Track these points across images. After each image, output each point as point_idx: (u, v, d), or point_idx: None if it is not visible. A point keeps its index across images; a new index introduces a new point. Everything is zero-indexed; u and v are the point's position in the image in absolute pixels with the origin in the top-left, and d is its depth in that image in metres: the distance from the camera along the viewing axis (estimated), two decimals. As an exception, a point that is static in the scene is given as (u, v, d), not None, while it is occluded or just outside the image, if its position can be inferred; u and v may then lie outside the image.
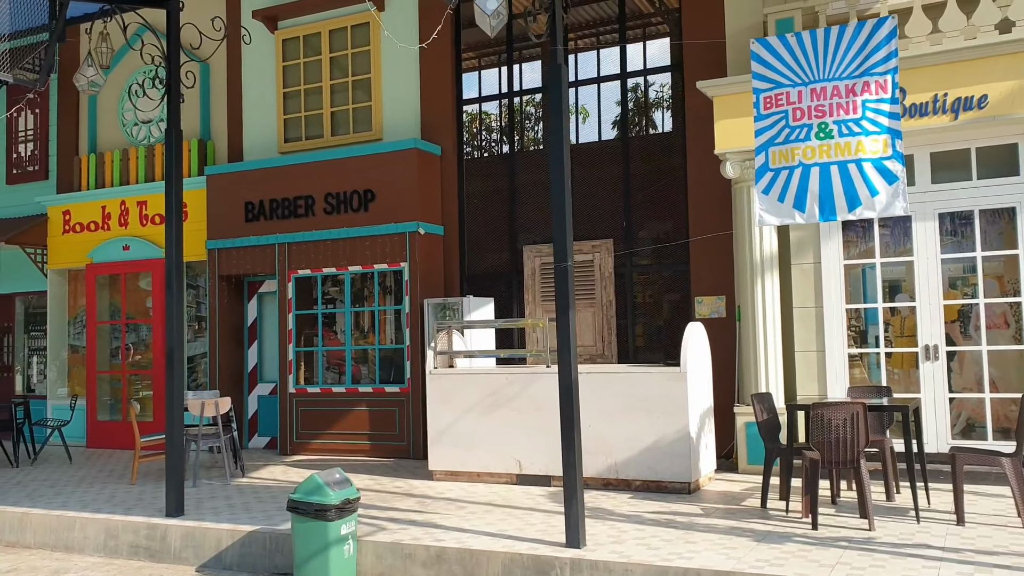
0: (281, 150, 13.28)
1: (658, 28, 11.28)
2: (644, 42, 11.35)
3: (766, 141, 6.35)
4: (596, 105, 11.60)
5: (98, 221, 14.29)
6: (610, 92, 11.48)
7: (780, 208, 6.32)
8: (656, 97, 11.27)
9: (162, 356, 13.52)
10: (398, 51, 12.49)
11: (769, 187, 6.33)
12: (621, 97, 11.34)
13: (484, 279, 12.13)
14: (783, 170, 6.24)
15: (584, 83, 11.66)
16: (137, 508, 8.54)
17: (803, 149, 6.15)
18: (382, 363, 12.01)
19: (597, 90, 11.61)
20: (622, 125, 11.33)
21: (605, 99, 11.51)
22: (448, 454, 9.58)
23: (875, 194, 6.11)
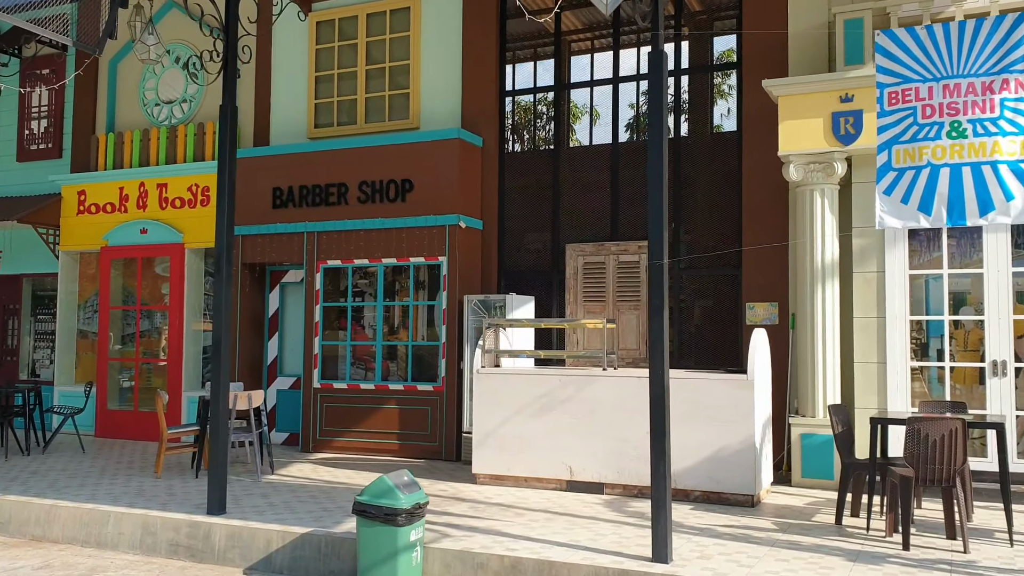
0: (311, 135, 12.85)
1: (716, 26, 10.94)
2: (706, 39, 11.01)
3: (890, 139, 6.03)
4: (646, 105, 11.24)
5: (115, 203, 13.80)
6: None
7: (903, 210, 6.00)
8: (709, 96, 10.93)
9: (179, 344, 13.06)
10: (439, 38, 12.10)
11: (891, 188, 6.00)
12: (674, 95, 10.99)
13: (522, 277, 11.75)
14: (908, 170, 5.92)
15: (630, 79, 11.31)
16: (172, 504, 8.10)
17: (932, 148, 5.84)
18: (414, 360, 11.60)
19: (636, 87, 11.26)
20: (674, 124, 10.98)
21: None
22: (494, 457, 9.19)
23: (1010, 199, 5.81)
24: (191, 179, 13.22)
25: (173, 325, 13.12)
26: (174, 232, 13.21)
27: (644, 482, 8.52)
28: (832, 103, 9.18)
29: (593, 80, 11.53)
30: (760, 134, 10.25)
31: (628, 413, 8.61)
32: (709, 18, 11.04)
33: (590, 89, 11.56)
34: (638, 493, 8.57)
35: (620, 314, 10.86)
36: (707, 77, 10.95)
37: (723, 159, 10.69)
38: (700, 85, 10.97)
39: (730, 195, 10.62)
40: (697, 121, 10.97)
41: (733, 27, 10.78)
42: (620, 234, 11.10)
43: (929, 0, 9.11)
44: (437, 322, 11.51)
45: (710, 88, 10.94)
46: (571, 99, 11.72)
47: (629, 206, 11.12)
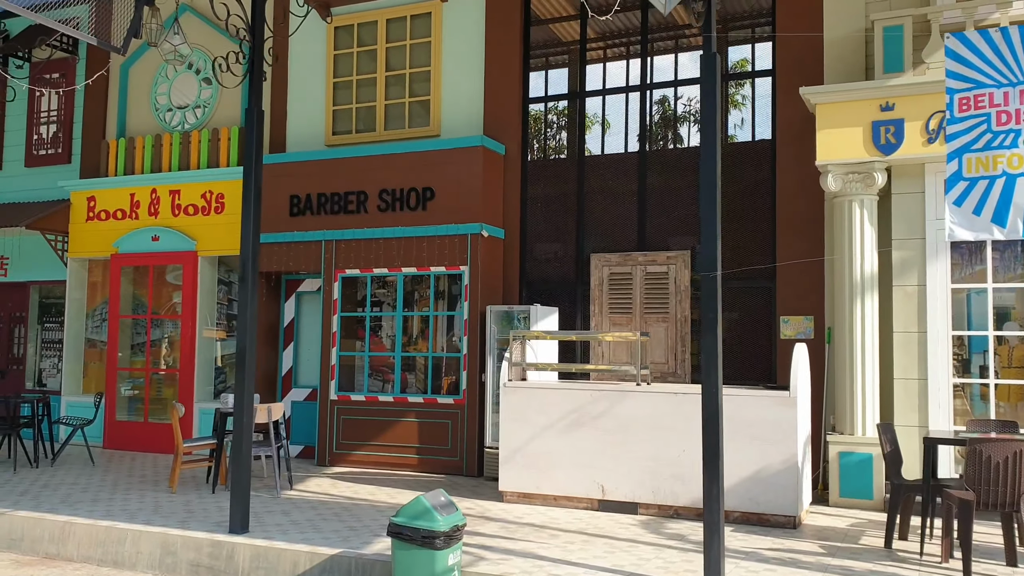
0: (328, 143, 12.58)
1: (748, 33, 10.69)
2: (734, 47, 10.76)
3: (961, 147, 5.76)
4: (674, 113, 10.99)
5: (126, 209, 13.51)
6: (690, 96, 10.88)
7: (976, 221, 5.74)
8: (741, 103, 10.66)
9: (191, 354, 12.76)
10: (461, 45, 11.85)
11: (963, 198, 5.73)
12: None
13: (545, 287, 11.47)
14: (981, 180, 5.65)
15: (660, 86, 11.06)
16: (192, 521, 7.78)
17: (1008, 157, 5.57)
18: (434, 372, 11.30)
19: (674, 94, 11.02)
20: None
21: (693, 105, 10.91)
22: (521, 475, 8.88)
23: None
24: (205, 186, 12.94)
25: (185, 335, 12.81)
26: (187, 240, 12.92)
27: (680, 502, 8.22)
28: (872, 112, 8.93)
29: (618, 88, 11.26)
30: (795, 143, 9.99)
31: (664, 431, 8.31)
32: (743, 25, 10.78)
33: (620, 96, 11.29)
34: (674, 514, 8.26)
35: (648, 326, 10.57)
36: (738, 85, 10.69)
37: (755, 168, 10.40)
38: (731, 93, 10.71)
39: (763, 205, 10.35)
40: (728, 130, 10.70)
41: (768, 33, 10.52)
42: (647, 244, 10.83)
43: (972, 7, 8.88)
44: (458, 333, 11.22)
45: (752, 96, 10.68)
46: (595, 107, 11.45)
47: (657, 216, 10.85)
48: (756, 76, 10.57)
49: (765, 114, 10.49)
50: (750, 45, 10.66)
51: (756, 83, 10.58)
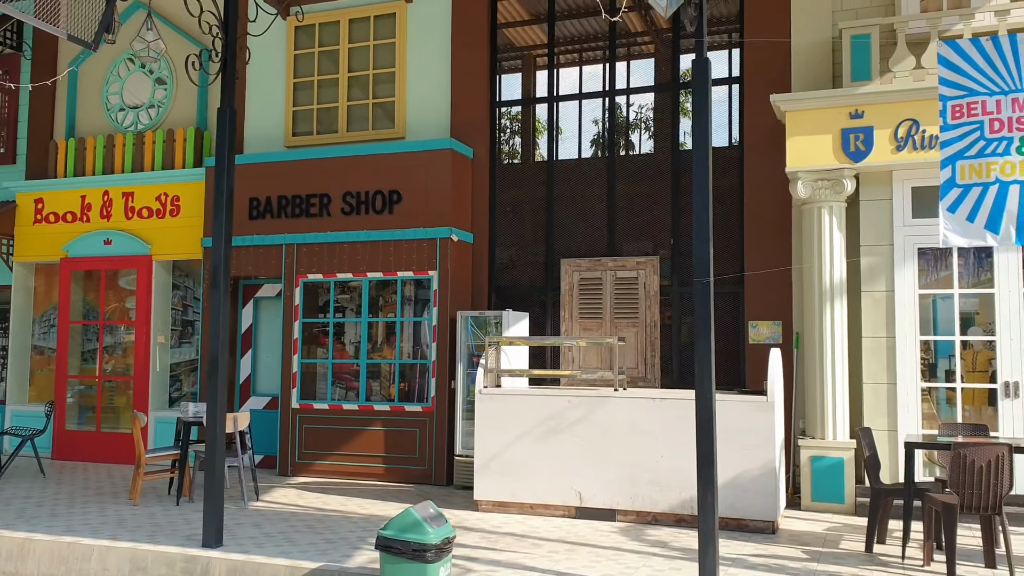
0: (288, 144, 12.33)
1: (714, 39, 10.75)
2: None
3: (954, 154, 5.82)
4: (643, 118, 11.00)
5: (76, 212, 13.05)
6: (661, 104, 10.90)
7: (969, 228, 5.81)
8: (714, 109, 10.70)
9: (145, 361, 12.37)
10: (427, 46, 11.71)
11: (956, 204, 5.79)
12: (672, 109, 10.76)
13: (514, 292, 11.37)
14: (974, 187, 5.72)
15: (626, 92, 11.07)
16: (160, 535, 7.51)
17: (1000, 164, 5.65)
18: (401, 379, 11.13)
19: (653, 100, 11.03)
20: (672, 139, 10.74)
21: (654, 111, 10.92)
22: (497, 483, 8.77)
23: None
24: (160, 188, 12.57)
25: (139, 341, 12.42)
26: (141, 243, 12.53)
27: (658, 508, 8.19)
28: (842, 119, 9.03)
29: (590, 92, 11.24)
30: (763, 149, 10.07)
31: (642, 436, 8.29)
32: (712, 31, 10.84)
33: (590, 101, 11.26)
34: (652, 520, 8.24)
35: (618, 331, 10.54)
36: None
37: (723, 174, 10.45)
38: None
39: (731, 211, 10.40)
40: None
41: (736, 40, 10.59)
42: (617, 250, 10.81)
43: (936, 19, 9.05)
44: (425, 339, 11.07)
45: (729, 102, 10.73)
46: (564, 111, 11.41)
47: (625, 221, 10.85)
48: (724, 83, 10.63)
49: (732, 121, 10.55)
50: (721, 52, 10.71)
51: (723, 90, 10.63)
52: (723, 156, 10.54)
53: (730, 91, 10.59)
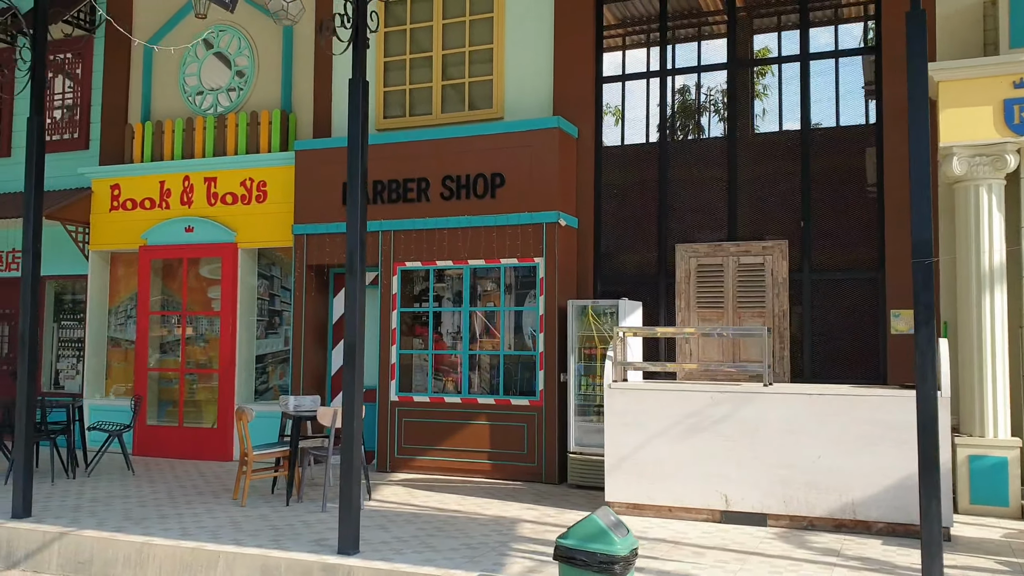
0: (379, 127, 11.74)
1: (851, 9, 10.03)
2: (836, 25, 10.10)
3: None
4: (776, 92, 10.30)
5: (155, 198, 12.57)
6: (789, 77, 10.19)
7: None
8: (846, 85, 9.99)
9: (231, 354, 11.87)
10: (527, 20, 11.07)
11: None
12: (801, 82, 10.05)
13: (622, 280, 10.73)
14: None
15: (752, 63, 10.37)
16: (284, 540, 6.96)
17: None
18: (508, 371, 10.53)
19: (780, 73, 10.33)
20: (802, 114, 10.03)
21: (783, 84, 10.22)
22: (631, 484, 8.15)
23: None
24: (244, 173, 12.05)
25: (225, 332, 11.92)
26: (225, 231, 12.02)
27: (815, 513, 7.53)
28: (1004, 89, 8.30)
29: (709, 65, 10.55)
30: (903, 125, 9.33)
31: (796, 435, 7.62)
32: (848, 3, 10.12)
33: (708, 75, 10.57)
34: (808, 525, 7.57)
35: (741, 322, 9.88)
36: (836, 64, 10.02)
37: (857, 153, 9.74)
38: (828, 73, 10.03)
39: (866, 192, 9.69)
40: (826, 113, 10.03)
41: (869, 12, 9.86)
42: (740, 234, 10.13)
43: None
44: (528, 330, 10.47)
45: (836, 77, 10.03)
46: (679, 87, 10.73)
47: (750, 203, 10.16)
48: (859, 54, 9.90)
49: (866, 96, 9.84)
50: (860, 23, 9.98)
51: (859, 63, 9.91)
52: (857, 133, 9.82)
53: (882, 65, 9.86)
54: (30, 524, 7.49)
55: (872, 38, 9.86)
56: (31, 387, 7.90)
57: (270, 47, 12.44)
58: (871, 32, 9.88)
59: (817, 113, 9.99)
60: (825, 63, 10.02)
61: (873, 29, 9.83)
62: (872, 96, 9.81)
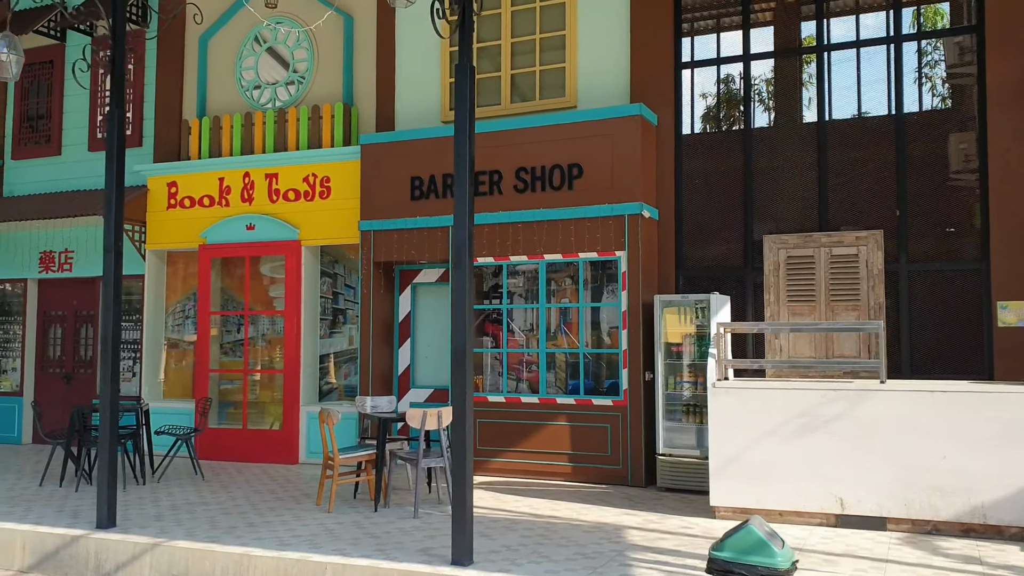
0: (445, 119, 11.40)
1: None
2: (932, 3, 9.69)
3: None
4: (858, 75, 9.89)
5: (214, 195, 12.28)
6: (876, 59, 9.77)
7: None
8: (942, 66, 9.57)
9: (295, 354, 11.57)
10: (601, 6, 10.69)
11: None
12: (895, 64, 9.63)
13: (705, 273, 10.36)
14: None
15: (844, 47, 9.95)
16: (390, 550, 6.63)
17: None
18: (587, 370, 10.17)
19: (857, 56, 9.91)
20: (896, 97, 9.62)
21: (872, 68, 9.80)
22: (737, 487, 7.77)
23: None
24: (307, 168, 11.74)
25: (289, 332, 11.61)
26: (288, 228, 11.71)
27: (940, 516, 7.14)
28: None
29: (791, 49, 10.15)
30: (1009, 108, 8.90)
31: (917, 434, 7.23)
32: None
33: (792, 60, 10.17)
34: (932, 530, 7.18)
35: (834, 316, 9.48)
36: (934, 44, 9.59)
37: (957, 138, 9.32)
38: (926, 54, 9.61)
39: (966, 179, 9.27)
40: (921, 96, 9.61)
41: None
42: (831, 224, 9.73)
43: None
44: (608, 326, 10.11)
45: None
46: (761, 72, 10.33)
47: (841, 192, 9.76)
48: (960, 32, 9.47)
49: (964, 78, 9.42)
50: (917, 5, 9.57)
51: (955, 41, 9.48)
52: (955, 118, 9.40)
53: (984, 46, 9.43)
54: (117, 534, 7.20)
55: (973, 16, 9.42)
56: (114, 392, 7.62)
57: (329, 39, 12.13)
58: (971, 9, 9.44)
59: (910, 96, 9.57)
60: (920, 44, 9.58)
61: (974, 6, 9.39)
62: (972, 78, 9.37)
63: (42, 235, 13.86)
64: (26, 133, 14.29)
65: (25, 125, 14.35)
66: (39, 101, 14.31)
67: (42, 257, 13.83)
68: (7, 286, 14.24)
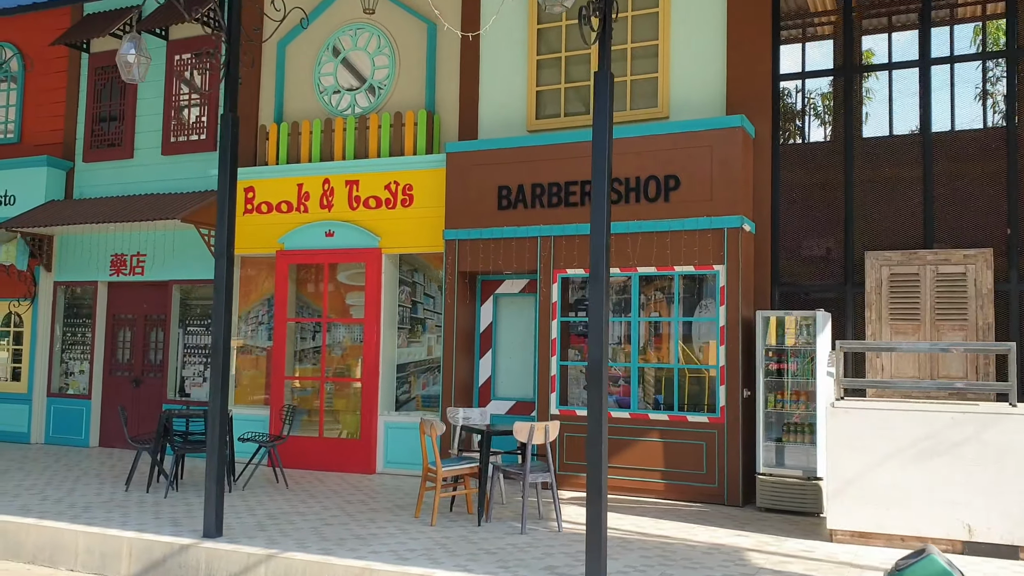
0: (531, 128, 11.27)
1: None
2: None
3: None
4: (977, 87, 9.66)
5: (292, 201, 12.19)
6: (991, 73, 9.54)
7: None
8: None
9: (374, 362, 11.44)
10: (695, 14, 10.53)
11: None
12: (1008, 78, 9.41)
13: (803, 289, 10.15)
14: None
15: (945, 61, 9.73)
16: (515, 566, 6.46)
17: None
18: (680, 386, 9.97)
19: (982, 68, 9.69)
20: (1007, 111, 9.39)
21: (974, 80, 9.57)
22: (856, 511, 7.55)
23: None
24: (389, 176, 11.63)
25: (369, 340, 11.49)
26: (369, 235, 11.60)
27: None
28: None
29: (898, 63, 9.95)
30: None
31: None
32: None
33: (899, 72, 9.97)
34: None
35: (939, 336, 9.24)
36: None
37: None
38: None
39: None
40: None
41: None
42: (937, 240, 9.50)
43: None
44: (697, 342, 9.91)
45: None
46: (865, 84, 10.13)
47: (948, 208, 9.53)
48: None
49: None
50: None
51: None
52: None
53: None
54: (228, 544, 7.07)
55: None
56: (223, 398, 7.50)
57: (411, 46, 12.04)
58: None
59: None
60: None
61: None
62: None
63: (113, 238, 13.84)
64: (98, 136, 14.30)
65: (97, 127, 14.35)
66: (111, 104, 14.31)
67: (113, 260, 13.81)
68: (77, 289, 14.23)
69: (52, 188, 14.27)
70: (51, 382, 14.18)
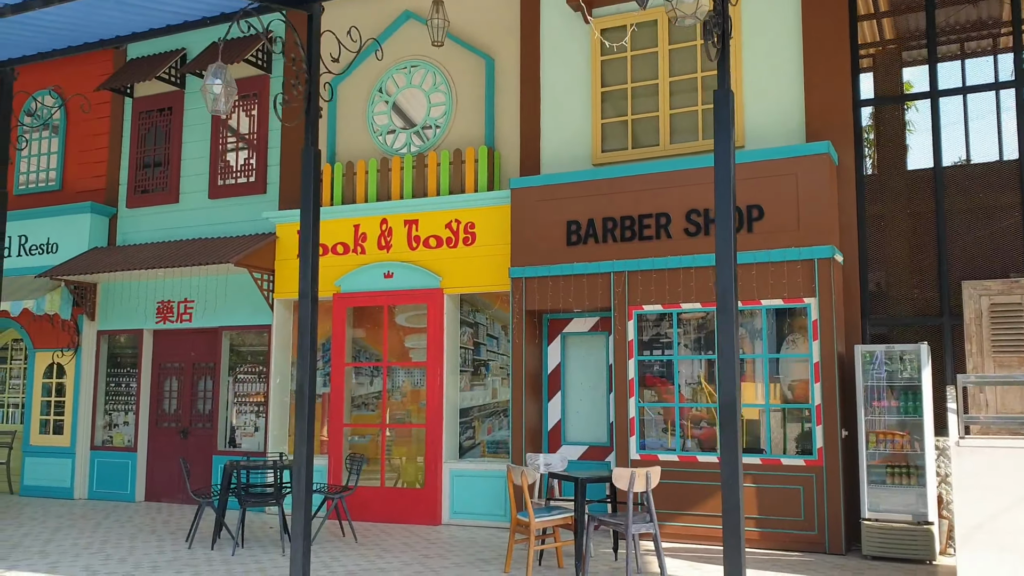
0: (596, 161, 10.90)
1: None
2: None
3: None
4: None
5: (349, 243, 11.82)
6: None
7: None
8: None
9: (438, 407, 10.96)
10: (770, 42, 10.20)
11: None
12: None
13: (895, 321, 9.66)
14: None
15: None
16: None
17: None
18: (771, 427, 9.46)
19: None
20: (1111, 132, 8.97)
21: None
22: (989, 558, 6.99)
23: None
24: (449, 214, 11.26)
25: (432, 384, 11.02)
26: (430, 275, 11.20)
27: None
28: None
29: (986, 84, 9.56)
30: None
31: None
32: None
33: (988, 95, 9.57)
34: None
35: (1001, 369, 8.72)
36: None
37: None
38: None
39: None
40: None
41: None
42: (993, 270, 9.03)
43: None
44: (786, 379, 9.41)
45: None
46: (952, 109, 9.73)
47: (1010, 235, 9.07)
48: None
49: None
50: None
51: None
52: None
53: None
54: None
55: None
56: (310, 447, 7.03)
57: (469, 82, 11.74)
58: None
59: (1123, 132, 8.91)
60: None
61: None
62: None
63: (159, 284, 13.48)
64: (141, 181, 14.02)
65: (140, 173, 14.08)
66: (156, 148, 14.06)
67: (159, 307, 13.43)
68: (121, 338, 13.85)
69: (96, 235, 13.96)
70: (95, 435, 13.74)
